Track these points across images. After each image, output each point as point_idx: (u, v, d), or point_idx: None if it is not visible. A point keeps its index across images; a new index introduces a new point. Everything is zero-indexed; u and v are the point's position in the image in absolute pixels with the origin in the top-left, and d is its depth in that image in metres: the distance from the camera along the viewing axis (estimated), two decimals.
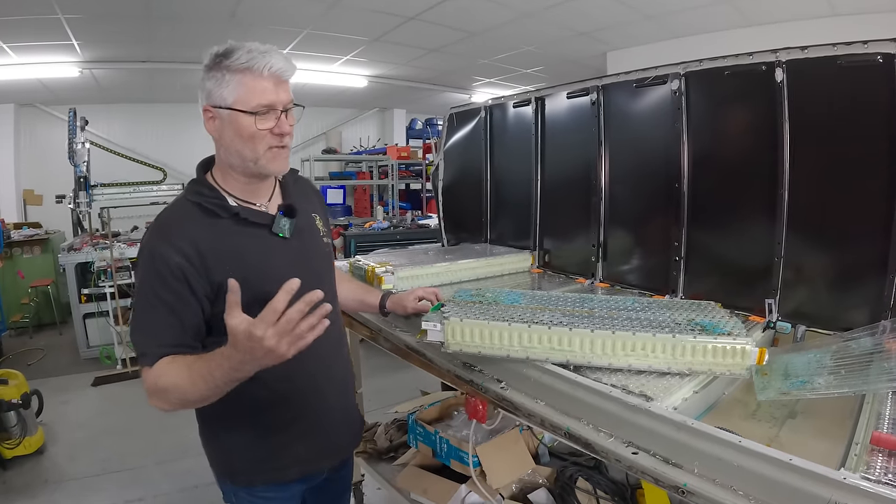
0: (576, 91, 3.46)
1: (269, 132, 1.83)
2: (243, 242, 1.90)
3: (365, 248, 7.42)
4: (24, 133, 11.89)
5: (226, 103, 1.80)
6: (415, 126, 14.86)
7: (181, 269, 1.77)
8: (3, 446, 4.99)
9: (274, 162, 1.89)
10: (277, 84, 1.82)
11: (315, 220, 2.20)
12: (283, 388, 1.94)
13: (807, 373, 1.90)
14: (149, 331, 1.80)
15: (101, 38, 8.00)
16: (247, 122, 1.80)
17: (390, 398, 4.79)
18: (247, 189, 1.97)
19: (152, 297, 1.79)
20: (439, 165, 4.64)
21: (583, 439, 1.80)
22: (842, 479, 1.27)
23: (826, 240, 2.45)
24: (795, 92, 2.40)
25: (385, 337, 2.89)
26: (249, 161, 1.87)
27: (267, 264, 1.92)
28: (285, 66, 1.83)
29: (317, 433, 2.14)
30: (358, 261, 3.45)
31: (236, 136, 1.83)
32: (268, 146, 1.85)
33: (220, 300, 1.74)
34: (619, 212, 3.33)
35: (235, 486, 2.12)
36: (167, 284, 1.77)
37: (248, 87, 1.78)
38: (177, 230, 1.84)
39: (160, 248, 1.80)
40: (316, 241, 2.17)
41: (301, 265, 1.96)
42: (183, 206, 1.92)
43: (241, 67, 1.77)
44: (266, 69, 1.78)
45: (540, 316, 2.11)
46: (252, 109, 1.79)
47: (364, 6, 7.04)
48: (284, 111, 1.85)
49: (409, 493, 3.41)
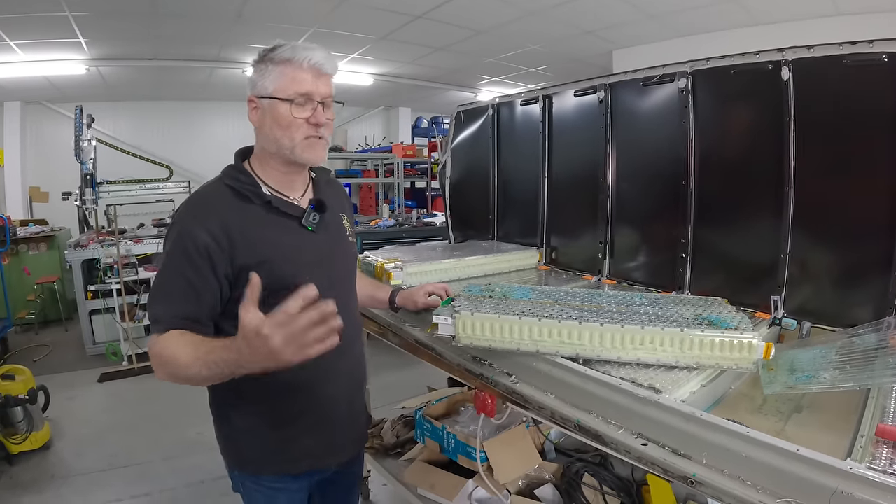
0: (583, 89, 3.48)
1: (305, 121, 1.89)
2: (272, 230, 1.94)
3: (371, 246, 7.45)
4: (30, 130, 11.91)
5: (266, 92, 1.89)
6: (420, 124, 14.85)
7: (207, 248, 1.82)
8: (10, 441, 4.99)
9: (309, 150, 1.94)
10: (317, 76, 1.90)
11: (343, 219, 2.25)
12: (295, 378, 1.92)
13: (812, 368, 1.92)
14: (166, 301, 1.85)
15: (108, 35, 8.02)
16: (284, 109, 1.87)
17: (395, 395, 4.78)
18: (283, 179, 2.03)
19: (175, 272, 1.85)
20: (446, 163, 4.66)
21: (593, 431, 1.83)
22: (848, 468, 1.30)
23: (831, 237, 2.47)
24: (801, 90, 2.42)
25: (394, 332, 2.92)
26: (286, 149, 1.92)
27: (294, 253, 1.96)
28: (325, 60, 1.90)
29: (325, 428, 2.15)
30: (367, 256, 3.48)
31: (275, 124, 1.90)
32: (304, 135, 1.91)
33: (240, 283, 1.80)
34: (626, 209, 3.35)
35: (243, 475, 2.14)
36: (192, 261, 1.82)
37: (288, 76, 1.87)
38: (208, 210, 1.89)
39: (190, 225, 1.85)
40: (342, 238, 2.22)
41: (326, 260, 2.06)
42: (217, 188, 1.97)
43: (283, 59, 1.87)
44: (306, 61, 1.86)
45: (550, 310, 2.13)
46: (289, 97, 1.86)
47: (371, 4, 7.05)
48: (322, 103, 1.91)
49: (415, 488, 3.42)
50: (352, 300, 2.29)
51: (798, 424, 1.85)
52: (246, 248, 1.87)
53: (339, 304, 1.80)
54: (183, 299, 1.83)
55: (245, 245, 1.87)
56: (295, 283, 1.73)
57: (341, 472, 2.37)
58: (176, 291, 1.84)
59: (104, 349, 7.79)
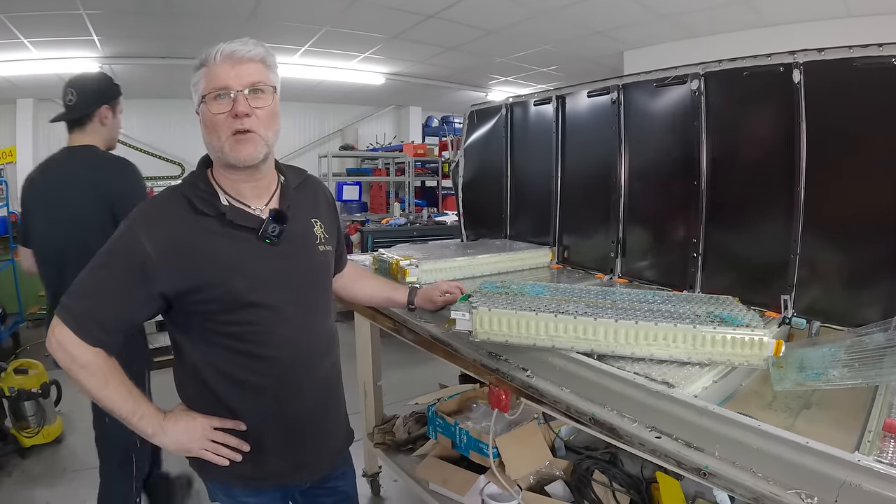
0: (596, 90, 3.51)
1: (226, 116, 1.75)
2: (226, 244, 1.83)
3: (382, 244, 7.48)
4: (42, 128, 11.94)
5: (197, 102, 1.81)
6: (431, 123, 14.83)
7: (144, 262, 1.73)
8: (22, 435, 5.03)
9: (236, 149, 1.78)
10: (232, 65, 1.75)
11: (314, 225, 2.10)
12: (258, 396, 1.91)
13: (822, 365, 1.95)
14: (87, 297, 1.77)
15: (122, 33, 8.06)
16: (206, 110, 1.77)
17: (405, 392, 4.79)
18: (238, 188, 1.90)
19: (104, 271, 1.77)
20: (459, 162, 4.70)
21: (608, 424, 1.87)
22: (856, 461, 1.34)
23: (841, 238, 2.50)
24: (812, 93, 2.44)
25: (409, 328, 2.95)
26: (217, 151, 1.81)
27: (247, 269, 1.84)
28: (239, 46, 1.76)
29: (292, 447, 2.06)
30: (382, 254, 3.50)
31: (204, 130, 1.81)
32: (229, 132, 1.76)
33: (188, 299, 1.79)
34: (639, 209, 3.38)
35: (214, 484, 2.10)
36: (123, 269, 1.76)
37: (207, 77, 1.76)
38: (160, 220, 1.81)
39: (135, 232, 1.77)
40: (310, 249, 2.06)
41: (288, 272, 1.94)
42: (174, 197, 1.87)
43: (201, 62, 1.78)
44: (218, 54, 1.75)
45: (565, 306, 2.17)
46: (205, 93, 1.76)
47: (384, 4, 7.06)
48: (246, 92, 1.76)
49: (427, 483, 3.46)
50: (319, 314, 2.10)
51: (807, 420, 1.88)
52: (193, 264, 1.78)
53: (301, 320, 1.85)
54: (100, 302, 1.76)
55: (192, 262, 1.78)
56: (250, 300, 1.80)
57: (328, 488, 2.32)
58: (98, 291, 1.77)
59: None
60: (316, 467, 2.19)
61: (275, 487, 2.12)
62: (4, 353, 7.42)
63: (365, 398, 4.16)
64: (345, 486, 2.41)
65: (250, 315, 1.84)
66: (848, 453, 1.37)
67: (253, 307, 1.84)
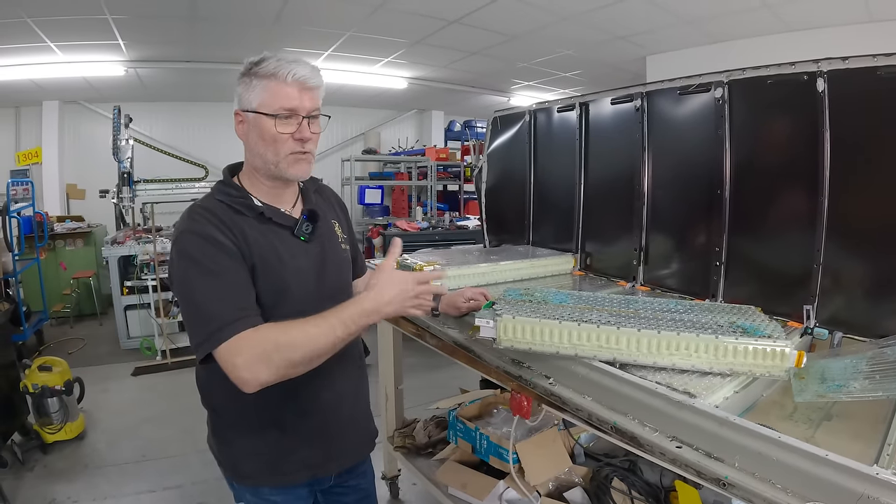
0: (620, 97, 3.51)
1: (290, 137, 1.88)
2: (265, 239, 1.92)
3: (405, 249, 7.49)
4: (68, 129, 12.17)
5: (251, 107, 1.87)
6: (453, 128, 14.80)
7: (233, 243, 1.82)
8: (45, 431, 5.13)
9: (294, 167, 1.93)
10: (302, 91, 1.87)
11: (335, 226, 2.24)
12: (291, 385, 1.85)
13: (843, 377, 1.94)
14: (216, 304, 1.74)
15: (147, 38, 8.18)
16: (269, 124, 1.85)
17: (425, 396, 4.81)
18: (271, 193, 2.01)
19: (208, 272, 1.78)
20: (482, 167, 4.71)
21: (629, 433, 1.88)
22: (875, 474, 1.33)
23: (864, 248, 2.48)
24: (836, 101, 2.43)
25: (432, 333, 2.97)
26: (271, 164, 1.91)
27: (290, 260, 1.96)
28: (310, 74, 1.88)
29: (324, 435, 2.14)
30: (405, 259, 3.52)
31: (259, 139, 1.89)
32: (289, 151, 1.89)
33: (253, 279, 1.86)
34: (662, 217, 3.37)
35: (242, 487, 2.13)
36: (226, 253, 1.80)
37: (272, 91, 1.84)
38: (211, 215, 1.87)
39: (206, 228, 1.82)
40: (335, 247, 2.19)
41: (319, 268, 2.06)
42: (210, 203, 1.93)
43: (268, 73, 1.84)
44: (290, 76, 1.83)
45: (588, 315, 2.18)
46: (274, 112, 1.84)
47: (407, 9, 7.12)
48: (308, 118, 1.89)
49: (446, 487, 3.48)
50: None
51: (827, 432, 1.87)
52: (250, 246, 1.86)
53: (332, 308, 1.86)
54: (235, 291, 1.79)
55: (248, 244, 1.86)
56: (291, 286, 1.89)
57: (349, 486, 2.37)
58: (222, 288, 1.77)
59: (138, 344, 7.95)
60: (345, 457, 2.27)
61: (306, 480, 2.17)
62: (29, 351, 7.54)
63: (386, 401, 4.19)
64: (365, 483, 2.49)
65: (288, 302, 1.92)
66: (866, 466, 1.37)
67: (291, 294, 1.94)
